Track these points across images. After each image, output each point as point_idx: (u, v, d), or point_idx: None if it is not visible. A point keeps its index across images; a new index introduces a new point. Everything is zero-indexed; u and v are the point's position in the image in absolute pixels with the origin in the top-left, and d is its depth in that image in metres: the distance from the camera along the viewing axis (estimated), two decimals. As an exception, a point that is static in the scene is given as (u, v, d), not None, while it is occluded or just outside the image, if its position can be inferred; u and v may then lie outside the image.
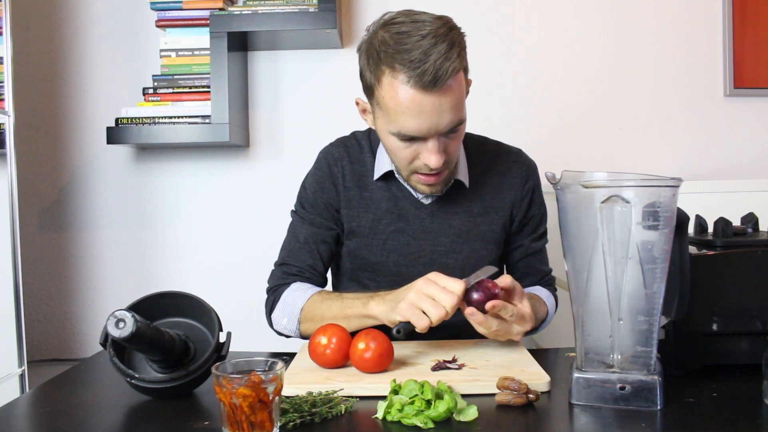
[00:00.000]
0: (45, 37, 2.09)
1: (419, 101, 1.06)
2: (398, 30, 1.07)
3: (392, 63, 1.06)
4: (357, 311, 1.13)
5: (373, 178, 1.29)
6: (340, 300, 1.17)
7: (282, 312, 1.25)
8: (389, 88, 1.08)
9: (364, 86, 1.16)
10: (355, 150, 1.32)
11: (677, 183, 0.86)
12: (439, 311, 1.00)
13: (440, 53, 1.04)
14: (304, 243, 1.30)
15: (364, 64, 1.13)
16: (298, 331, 1.24)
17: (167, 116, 1.90)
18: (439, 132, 1.11)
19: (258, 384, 0.76)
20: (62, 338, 2.12)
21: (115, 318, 0.85)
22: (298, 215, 1.33)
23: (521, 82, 2.10)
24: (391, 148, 1.17)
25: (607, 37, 2.10)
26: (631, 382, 0.87)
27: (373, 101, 1.15)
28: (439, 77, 1.04)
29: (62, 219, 2.11)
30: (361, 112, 1.23)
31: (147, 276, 2.11)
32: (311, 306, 1.21)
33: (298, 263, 1.29)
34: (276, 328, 1.27)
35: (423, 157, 1.14)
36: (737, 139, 2.12)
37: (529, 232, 1.34)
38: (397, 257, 1.29)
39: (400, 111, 1.08)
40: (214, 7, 1.92)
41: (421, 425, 0.82)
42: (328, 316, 1.16)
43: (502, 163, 1.33)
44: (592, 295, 0.89)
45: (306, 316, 1.22)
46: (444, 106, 1.08)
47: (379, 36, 1.10)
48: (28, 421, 0.95)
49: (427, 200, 1.29)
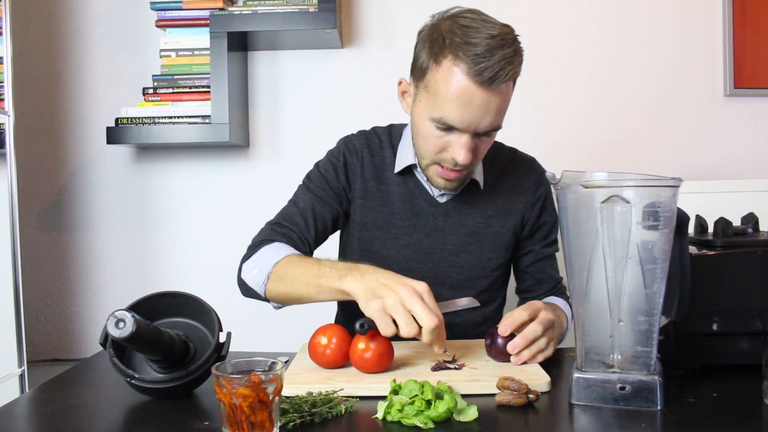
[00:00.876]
0: (45, 37, 2.09)
1: (471, 94, 1.08)
2: (467, 24, 1.10)
3: (457, 51, 1.08)
4: (331, 283, 1.04)
5: (393, 172, 1.29)
6: (317, 265, 1.08)
7: (255, 263, 1.18)
8: (446, 73, 1.09)
9: (416, 68, 1.17)
10: (375, 144, 1.33)
11: (677, 183, 0.86)
12: (411, 329, 0.94)
13: (505, 56, 1.07)
14: (303, 209, 1.27)
15: (424, 47, 1.14)
16: (264, 287, 1.15)
17: (167, 116, 1.90)
18: (478, 130, 1.12)
19: (258, 384, 0.76)
20: (62, 338, 2.12)
21: (115, 318, 0.85)
22: (304, 185, 1.32)
23: (520, 83, 2.09)
24: (424, 133, 1.17)
25: (607, 37, 2.10)
26: (631, 382, 0.87)
27: (421, 84, 1.16)
28: (497, 77, 1.07)
29: (62, 219, 2.11)
30: (400, 94, 1.24)
31: (147, 276, 2.11)
32: (285, 265, 1.13)
33: (290, 225, 1.25)
34: (243, 276, 1.18)
35: (452, 150, 1.15)
36: (737, 139, 2.12)
37: (540, 238, 1.35)
38: (408, 253, 1.29)
39: (449, 98, 1.10)
40: (214, 7, 1.92)
41: (421, 425, 0.82)
42: (300, 280, 1.08)
43: (516, 168, 1.34)
44: (592, 295, 0.89)
45: (277, 273, 1.13)
46: (491, 106, 1.10)
47: (446, 24, 1.12)
48: (28, 421, 0.95)
49: (443, 198, 1.29)
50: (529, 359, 1.04)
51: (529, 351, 1.04)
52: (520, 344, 1.04)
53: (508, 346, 1.04)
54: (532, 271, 1.35)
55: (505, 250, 1.32)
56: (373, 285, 0.98)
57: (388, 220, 1.29)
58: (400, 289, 0.96)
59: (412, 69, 1.19)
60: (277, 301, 1.17)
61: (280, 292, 1.14)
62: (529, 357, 1.04)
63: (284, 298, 1.15)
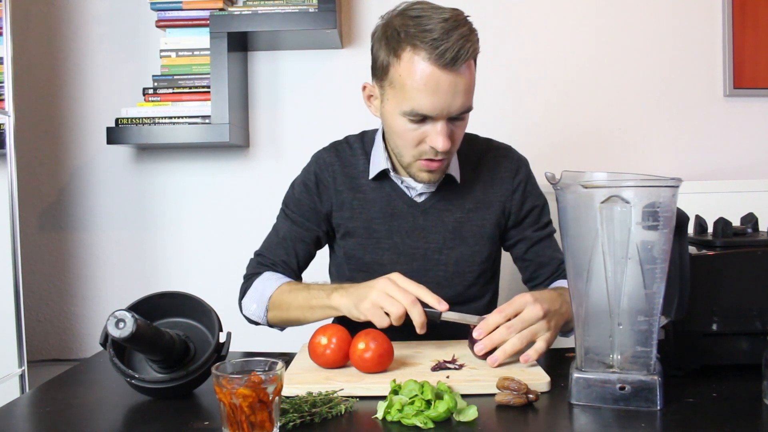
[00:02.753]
0: (45, 37, 2.09)
1: (437, 79, 1.09)
2: (418, 14, 1.12)
3: (413, 41, 1.10)
4: (321, 302, 1.16)
5: (368, 178, 1.30)
6: (306, 290, 1.20)
7: (252, 298, 1.29)
8: (408, 65, 1.11)
9: (376, 69, 1.18)
10: (346, 153, 1.34)
11: (677, 183, 0.86)
12: (397, 309, 1.03)
13: (462, 34, 1.08)
14: (282, 239, 1.35)
15: (380, 46, 1.16)
16: (266, 318, 1.27)
17: (167, 116, 1.90)
18: (450, 114, 1.13)
19: (258, 384, 0.76)
20: (62, 338, 2.12)
21: (115, 318, 0.85)
22: (284, 212, 1.38)
23: (520, 82, 2.10)
24: (399, 130, 1.18)
25: (607, 37, 2.10)
26: (631, 382, 0.87)
27: (386, 82, 1.17)
28: (459, 57, 1.08)
29: (62, 219, 2.11)
30: (366, 98, 1.25)
31: (147, 276, 2.11)
32: (279, 295, 1.25)
33: (272, 257, 1.34)
34: (245, 313, 1.31)
35: (430, 139, 1.15)
36: (737, 139, 2.12)
37: (529, 224, 1.34)
38: (392, 255, 1.30)
39: (417, 88, 1.10)
40: (214, 8, 1.92)
41: (421, 425, 0.82)
42: (294, 305, 1.21)
43: (491, 159, 1.34)
44: (592, 295, 0.89)
45: (273, 304, 1.25)
46: (459, 87, 1.11)
47: (397, 20, 1.13)
48: (28, 421, 0.95)
49: (421, 198, 1.30)
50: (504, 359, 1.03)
51: (503, 352, 1.03)
52: (485, 346, 1.04)
53: (476, 347, 1.05)
54: (530, 257, 1.34)
55: (490, 243, 1.32)
56: (358, 293, 1.09)
57: (367, 226, 1.30)
58: (377, 281, 1.07)
59: (373, 71, 1.20)
60: (278, 326, 1.31)
61: (280, 319, 1.27)
62: (503, 359, 1.03)
63: (284, 323, 1.29)
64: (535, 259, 1.34)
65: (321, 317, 1.18)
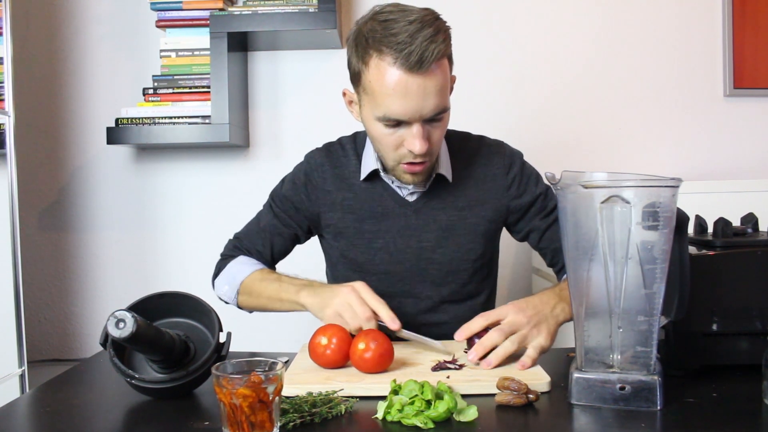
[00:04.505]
0: (45, 37, 2.09)
1: (405, 83, 1.09)
2: (386, 18, 1.11)
3: (379, 46, 1.09)
4: (289, 297, 1.21)
5: (360, 179, 1.30)
6: (278, 282, 1.25)
7: (224, 280, 1.34)
8: (376, 71, 1.11)
9: (352, 75, 1.19)
10: (337, 154, 1.35)
11: (677, 183, 0.86)
12: (355, 323, 1.08)
13: (426, 36, 1.07)
14: (262, 229, 1.38)
15: (352, 53, 1.17)
16: (236, 300, 1.33)
17: (167, 116, 1.90)
18: (424, 117, 1.12)
19: (258, 384, 0.76)
20: (62, 338, 2.12)
21: (115, 318, 0.85)
22: (269, 204, 1.40)
23: (520, 83, 2.10)
24: (377, 135, 1.18)
25: (607, 38, 2.10)
26: (631, 383, 0.87)
27: (360, 88, 1.17)
28: (424, 59, 1.07)
29: (62, 219, 2.11)
30: (348, 104, 1.26)
31: (147, 276, 2.11)
32: (251, 281, 1.29)
33: (249, 244, 1.38)
34: (217, 292, 1.36)
35: (407, 143, 1.15)
36: (737, 139, 2.12)
37: (535, 213, 1.32)
38: (384, 255, 1.29)
39: (386, 93, 1.10)
40: (214, 8, 1.92)
41: (421, 425, 0.82)
42: (265, 295, 1.26)
43: (483, 155, 1.33)
44: (592, 295, 0.89)
45: (244, 289, 1.30)
46: (429, 89, 1.10)
47: (368, 25, 1.13)
48: (28, 421, 0.95)
49: (412, 197, 1.29)
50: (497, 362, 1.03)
51: (496, 356, 1.04)
52: (477, 353, 1.05)
53: (468, 354, 1.06)
54: (545, 245, 1.33)
55: (484, 240, 1.31)
56: (323, 297, 1.13)
57: (358, 226, 1.30)
58: (341, 293, 1.11)
59: (350, 77, 1.21)
60: (247, 310, 1.36)
61: (249, 304, 1.33)
62: (497, 362, 1.03)
63: (253, 308, 1.34)
64: (550, 246, 1.32)
65: (288, 310, 1.24)
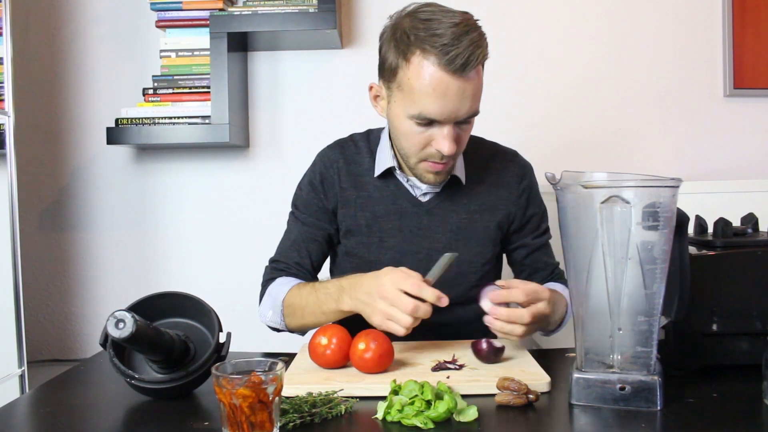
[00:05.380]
0: (45, 37, 2.09)
1: (446, 84, 1.09)
2: (428, 17, 1.11)
3: (423, 45, 1.09)
4: (332, 307, 1.15)
5: (373, 176, 1.30)
6: (314, 294, 1.18)
7: (268, 305, 1.28)
8: (417, 69, 1.10)
9: (384, 70, 1.18)
10: (351, 151, 1.34)
11: (677, 183, 0.86)
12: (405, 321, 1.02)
13: (472, 40, 1.08)
14: (294, 242, 1.33)
15: (389, 48, 1.15)
16: (284, 323, 1.26)
17: (167, 117, 1.90)
18: (458, 118, 1.13)
19: (258, 384, 0.76)
20: (62, 339, 2.12)
21: (115, 318, 0.85)
22: (293, 215, 1.37)
23: (520, 83, 2.10)
24: (405, 133, 1.18)
25: (607, 37, 2.10)
26: (631, 383, 0.87)
27: (393, 84, 1.16)
28: (469, 63, 1.08)
29: (62, 219, 2.11)
30: (373, 98, 1.25)
31: (147, 276, 2.11)
32: (290, 299, 1.23)
33: (286, 260, 1.33)
34: (264, 321, 1.30)
35: (436, 143, 1.15)
36: (737, 139, 2.12)
37: (530, 230, 1.35)
38: (394, 255, 1.29)
39: (425, 92, 1.10)
40: (214, 8, 1.92)
41: (421, 426, 0.82)
42: (308, 311, 1.19)
43: (498, 162, 1.34)
44: (592, 296, 0.89)
45: (288, 309, 1.24)
46: (467, 92, 1.11)
47: (407, 21, 1.13)
48: (28, 421, 0.95)
49: (425, 198, 1.29)
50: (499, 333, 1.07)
51: (501, 325, 1.06)
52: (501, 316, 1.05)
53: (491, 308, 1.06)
54: (528, 263, 1.36)
55: (492, 245, 1.32)
56: (363, 299, 1.07)
57: (370, 224, 1.30)
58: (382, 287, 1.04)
59: (381, 71, 1.20)
60: (300, 332, 1.29)
61: (296, 325, 1.25)
62: (500, 331, 1.06)
63: (304, 329, 1.26)
64: (531, 265, 1.36)
65: (336, 319, 1.16)
